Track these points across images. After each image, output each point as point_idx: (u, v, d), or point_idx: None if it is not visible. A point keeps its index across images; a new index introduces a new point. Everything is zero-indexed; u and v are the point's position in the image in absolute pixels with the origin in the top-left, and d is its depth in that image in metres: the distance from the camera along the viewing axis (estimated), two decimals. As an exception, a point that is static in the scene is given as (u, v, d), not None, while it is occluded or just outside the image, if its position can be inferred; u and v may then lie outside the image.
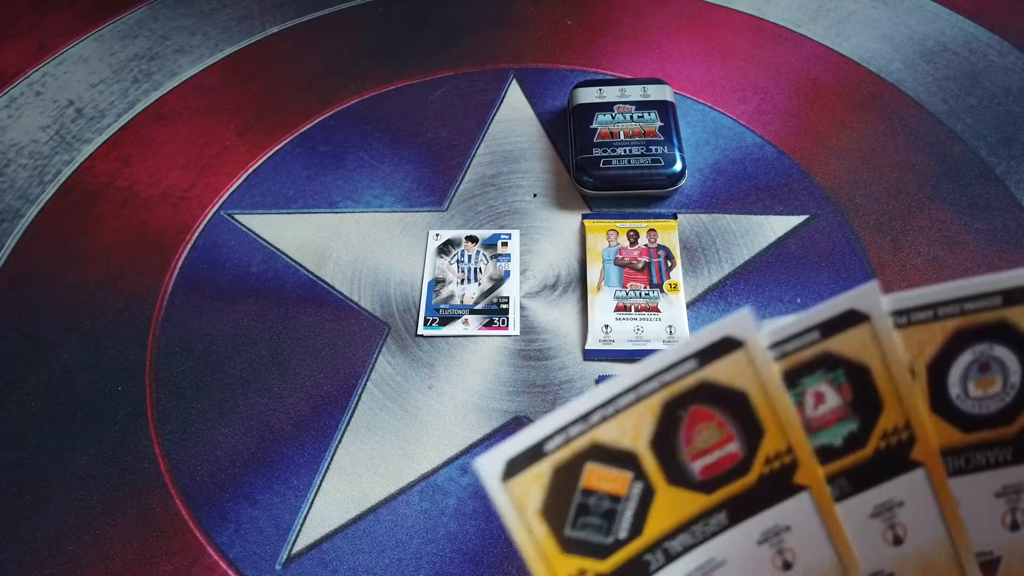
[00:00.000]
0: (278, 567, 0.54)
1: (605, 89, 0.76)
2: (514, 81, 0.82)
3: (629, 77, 0.81)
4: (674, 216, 0.70)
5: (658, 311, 0.64)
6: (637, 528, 0.26)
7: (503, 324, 0.64)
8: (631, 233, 0.69)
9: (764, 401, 0.26)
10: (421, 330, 0.64)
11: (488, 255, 0.69)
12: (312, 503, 0.56)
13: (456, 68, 0.84)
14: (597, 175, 0.71)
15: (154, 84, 0.84)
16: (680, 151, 0.72)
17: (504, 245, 0.69)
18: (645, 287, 0.65)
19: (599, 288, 0.66)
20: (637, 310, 0.64)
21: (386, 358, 0.63)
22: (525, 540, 0.25)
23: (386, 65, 0.84)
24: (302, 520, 0.55)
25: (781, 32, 0.86)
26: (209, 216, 0.72)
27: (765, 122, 0.78)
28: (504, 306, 0.65)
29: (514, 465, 0.25)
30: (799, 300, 0.65)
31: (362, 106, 0.81)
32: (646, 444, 0.26)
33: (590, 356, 0.62)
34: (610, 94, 0.76)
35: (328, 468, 0.58)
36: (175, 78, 0.84)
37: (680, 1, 0.90)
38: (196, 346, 0.64)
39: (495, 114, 0.80)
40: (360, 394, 0.61)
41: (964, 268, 0.66)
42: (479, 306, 0.65)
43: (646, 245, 0.68)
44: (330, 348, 0.64)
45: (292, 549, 0.54)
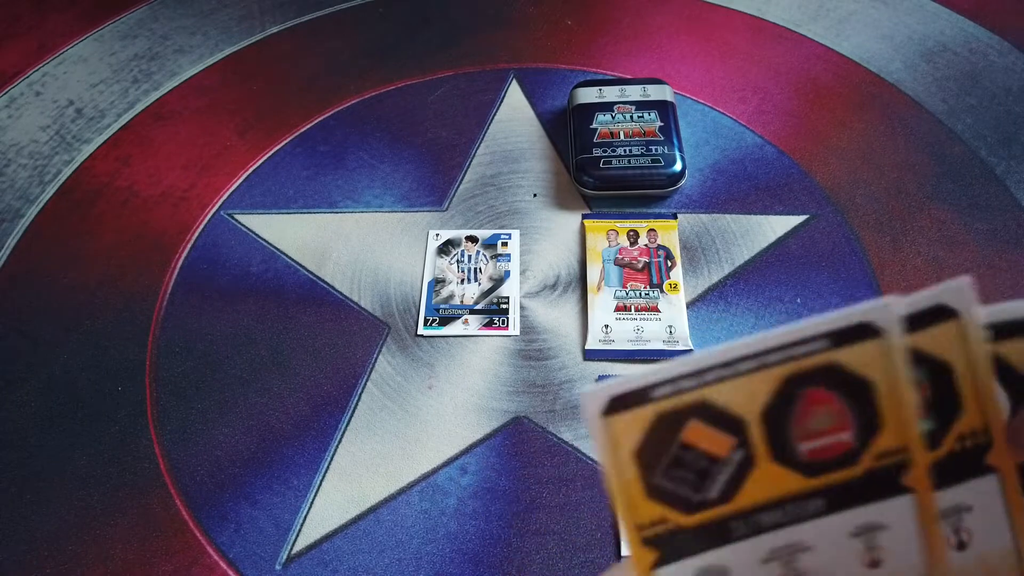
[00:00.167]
0: (278, 567, 0.54)
1: (605, 89, 0.76)
2: (514, 81, 0.82)
3: (629, 77, 0.81)
4: (674, 216, 0.70)
5: (658, 311, 0.64)
6: (729, 494, 0.25)
7: (503, 324, 0.64)
8: (631, 233, 0.69)
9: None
10: (421, 330, 0.64)
11: (488, 255, 0.68)
12: (312, 503, 0.56)
13: (456, 68, 0.84)
14: (597, 175, 0.71)
15: (154, 84, 0.84)
16: (680, 151, 0.72)
17: (504, 245, 0.69)
18: (645, 287, 0.65)
19: (599, 288, 0.66)
20: (637, 310, 0.64)
21: (386, 358, 0.63)
22: (614, 476, 0.25)
23: (386, 65, 0.84)
24: (302, 520, 0.55)
25: (781, 32, 0.86)
26: (209, 216, 0.72)
27: (765, 122, 0.78)
28: (504, 306, 0.65)
29: (618, 402, 0.24)
30: (799, 300, 0.65)
31: (362, 106, 0.81)
32: (758, 414, 0.25)
33: (590, 356, 0.62)
34: (610, 94, 0.76)
35: (328, 468, 0.58)
36: (175, 78, 0.84)
37: (680, 1, 0.90)
38: (196, 346, 0.64)
39: (495, 114, 0.80)
40: (360, 394, 0.61)
41: (964, 268, 0.66)
42: (479, 306, 0.65)
43: (646, 245, 0.68)
44: (330, 348, 0.64)
45: (292, 549, 0.54)
